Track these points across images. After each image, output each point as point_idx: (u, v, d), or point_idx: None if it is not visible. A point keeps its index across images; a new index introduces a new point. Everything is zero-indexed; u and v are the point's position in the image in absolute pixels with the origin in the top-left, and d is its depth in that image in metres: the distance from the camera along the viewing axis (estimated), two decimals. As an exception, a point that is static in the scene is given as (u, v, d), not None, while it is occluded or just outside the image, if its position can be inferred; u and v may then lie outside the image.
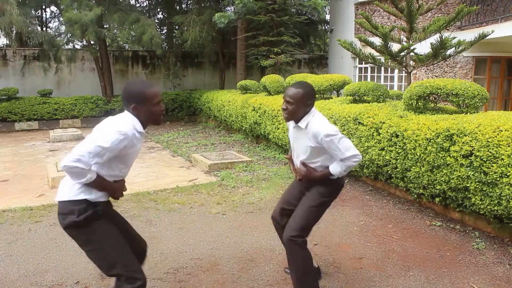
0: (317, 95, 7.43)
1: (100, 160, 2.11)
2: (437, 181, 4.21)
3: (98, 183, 2.19)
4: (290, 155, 3.04)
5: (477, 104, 4.51)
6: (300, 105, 2.67)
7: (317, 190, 2.80)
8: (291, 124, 2.87)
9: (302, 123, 2.71)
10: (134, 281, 2.24)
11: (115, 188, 2.30)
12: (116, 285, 2.28)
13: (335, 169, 2.72)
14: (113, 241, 2.26)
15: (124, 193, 2.49)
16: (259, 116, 8.39)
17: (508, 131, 3.52)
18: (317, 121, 2.68)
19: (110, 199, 2.41)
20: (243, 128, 9.59)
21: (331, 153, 2.68)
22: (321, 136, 2.61)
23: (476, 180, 3.72)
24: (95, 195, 2.22)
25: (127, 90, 2.28)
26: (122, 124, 2.19)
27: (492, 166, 3.55)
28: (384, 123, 5.01)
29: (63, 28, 14.09)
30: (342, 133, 2.81)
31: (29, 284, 3.11)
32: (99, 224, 2.24)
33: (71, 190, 2.20)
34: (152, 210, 4.78)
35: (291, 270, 2.78)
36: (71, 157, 2.04)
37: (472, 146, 3.74)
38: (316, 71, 17.67)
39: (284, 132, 7.34)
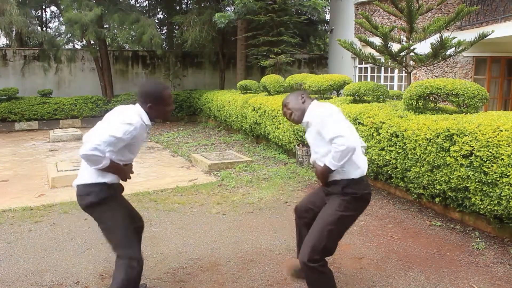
0: (317, 95, 7.43)
1: (113, 148, 2.41)
2: (437, 181, 4.21)
3: (112, 167, 2.48)
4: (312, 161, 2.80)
5: (477, 104, 4.51)
6: (295, 104, 2.68)
7: (334, 201, 2.55)
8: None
9: (305, 118, 2.66)
10: (131, 262, 2.50)
11: (125, 171, 2.60)
12: (117, 263, 2.53)
13: (328, 159, 2.44)
14: (119, 222, 2.54)
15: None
16: (259, 116, 8.39)
17: (508, 131, 3.52)
18: (314, 108, 2.62)
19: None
20: (243, 128, 9.59)
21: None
22: (313, 118, 2.53)
23: (476, 180, 3.72)
24: (110, 178, 2.52)
25: (145, 89, 2.55)
26: (131, 116, 2.46)
27: (492, 166, 3.55)
28: (384, 123, 5.01)
29: (63, 28, 14.11)
30: None
31: (29, 284, 3.11)
32: (111, 205, 2.54)
33: (90, 175, 2.49)
34: (152, 210, 4.78)
35: None
36: (89, 146, 2.30)
37: (472, 146, 3.74)
38: (316, 71, 17.67)
39: (284, 132, 7.34)
